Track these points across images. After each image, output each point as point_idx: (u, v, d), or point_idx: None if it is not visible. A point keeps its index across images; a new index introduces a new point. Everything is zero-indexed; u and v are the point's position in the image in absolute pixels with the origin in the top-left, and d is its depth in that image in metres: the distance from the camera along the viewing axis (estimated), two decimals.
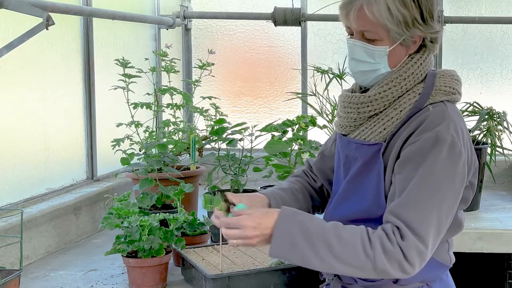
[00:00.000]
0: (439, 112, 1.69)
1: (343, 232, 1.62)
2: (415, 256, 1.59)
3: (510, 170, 3.79)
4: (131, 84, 2.68)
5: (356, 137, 1.79)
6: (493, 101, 3.58)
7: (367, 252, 1.59)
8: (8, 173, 2.55)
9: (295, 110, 4.03)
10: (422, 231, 1.60)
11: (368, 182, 1.74)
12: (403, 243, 1.58)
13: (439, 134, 1.64)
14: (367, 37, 1.71)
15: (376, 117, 1.76)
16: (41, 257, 2.51)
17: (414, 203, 1.62)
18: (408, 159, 1.66)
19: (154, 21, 3.80)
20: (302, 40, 4.02)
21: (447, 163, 1.63)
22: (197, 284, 2.08)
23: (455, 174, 1.65)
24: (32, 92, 2.72)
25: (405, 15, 1.66)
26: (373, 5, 1.66)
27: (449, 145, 1.64)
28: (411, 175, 1.64)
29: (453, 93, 1.75)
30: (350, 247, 1.59)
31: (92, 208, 2.89)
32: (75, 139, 3.05)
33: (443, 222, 1.64)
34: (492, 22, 3.91)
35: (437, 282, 1.81)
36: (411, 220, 1.60)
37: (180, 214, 2.19)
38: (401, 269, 1.59)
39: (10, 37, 2.33)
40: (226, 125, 2.77)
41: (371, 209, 1.73)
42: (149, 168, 2.53)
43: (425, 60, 1.76)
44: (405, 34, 1.69)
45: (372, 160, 1.74)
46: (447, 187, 1.64)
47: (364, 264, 1.59)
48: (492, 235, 2.93)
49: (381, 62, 1.73)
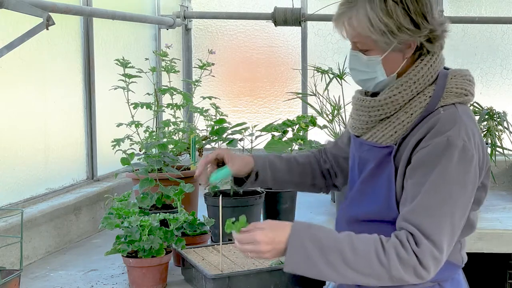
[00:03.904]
0: (450, 116, 1.67)
1: (357, 242, 1.61)
2: (430, 262, 1.59)
3: (510, 170, 3.79)
4: (131, 84, 2.68)
5: (368, 139, 1.79)
6: (493, 101, 3.58)
7: (381, 260, 1.59)
8: (8, 173, 2.54)
9: (295, 110, 4.04)
10: (436, 236, 1.60)
11: (379, 184, 1.75)
12: (418, 250, 1.59)
13: (450, 139, 1.63)
14: (359, 47, 1.73)
15: (387, 120, 1.76)
16: (41, 257, 2.51)
17: (427, 209, 1.61)
18: (420, 164, 1.66)
19: (154, 21, 3.80)
20: (302, 40, 4.03)
21: (459, 168, 1.63)
22: (197, 284, 2.08)
23: (467, 179, 1.64)
24: (32, 92, 2.72)
25: (387, 24, 1.66)
26: (353, 19, 1.68)
27: (460, 150, 1.63)
28: (423, 180, 1.63)
29: (465, 95, 1.74)
30: (364, 256, 1.59)
31: (92, 208, 2.89)
32: (75, 139, 3.05)
33: (456, 226, 1.64)
34: (492, 22, 3.91)
35: (449, 282, 1.81)
36: (425, 226, 1.60)
37: (180, 214, 2.19)
38: (416, 275, 1.60)
39: (10, 37, 2.33)
40: (226, 125, 2.77)
41: (382, 211, 1.74)
42: (149, 168, 2.53)
43: (435, 61, 1.74)
44: (393, 42, 1.68)
45: (383, 163, 1.74)
46: (459, 192, 1.63)
47: (379, 273, 1.59)
48: (492, 235, 2.93)
49: (376, 70, 1.73)
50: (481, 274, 3.74)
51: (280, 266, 2.06)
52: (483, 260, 3.50)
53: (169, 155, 2.59)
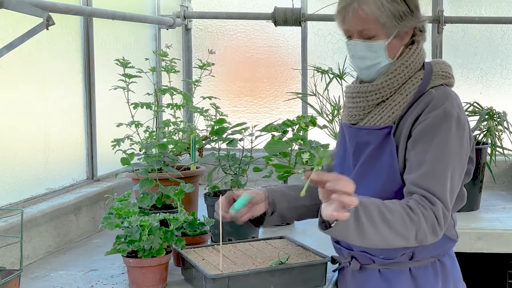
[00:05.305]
0: (442, 93, 1.90)
1: (388, 203, 1.75)
2: (442, 219, 1.78)
3: (510, 170, 3.79)
4: (131, 84, 2.68)
5: (366, 124, 1.96)
6: (493, 101, 3.58)
7: (412, 218, 1.74)
8: (8, 173, 2.54)
9: (295, 110, 4.03)
10: (444, 196, 1.79)
11: (382, 161, 1.91)
12: (434, 208, 1.77)
13: (446, 110, 1.84)
14: (366, 35, 1.91)
15: (383, 103, 1.95)
16: (41, 257, 2.51)
17: (433, 173, 1.80)
18: (421, 135, 1.85)
19: (154, 21, 3.80)
20: (302, 40, 4.02)
21: (456, 135, 1.84)
22: (197, 284, 2.08)
23: (462, 145, 1.86)
24: (32, 92, 2.72)
25: (395, 9, 1.88)
26: (365, 6, 1.87)
27: (456, 120, 1.85)
28: (426, 148, 1.82)
29: (449, 77, 1.97)
30: (399, 215, 1.73)
31: (92, 208, 2.90)
32: (75, 139, 3.05)
33: (455, 187, 1.85)
34: (492, 22, 3.91)
35: (447, 257, 2.02)
36: (434, 188, 1.79)
37: (180, 214, 2.19)
38: (434, 231, 1.77)
39: (10, 37, 2.33)
40: (226, 125, 2.77)
41: (386, 185, 1.89)
42: (149, 168, 2.53)
43: (421, 50, 1.98)
44: (398, 26, 1.89)
45: (384, 142, 1.91)
46: (457, 157, 1.85)
47: (410, 230, 1.74)
48: (492, 235, 2.93)
49: (381, 55, 1.92)
50: (481, 274, 3.74)
51: (280, 266, 2.06)
52: (483, 260, 3.51)
53: (169, 155, 2.59)
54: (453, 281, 2.03)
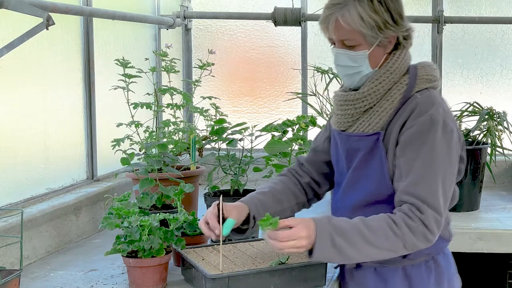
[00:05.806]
0: (427, 98, 1.91)
1: (370, 222, 1.81)
2: (434, 226, 1.82)
3: (510, 170, 3.79)
4: (131, 84, 2.68)
5: (355, 130, 1.99)
6: (493, 101, 3.58)
7: (396, 232, 1.79)
8: (8, 173, 2.54)
9: (295, 110, 4.04)
10: (435, 202, 1.82)
11: (372, 168, 1.94)
12: (423, 216, 1.80)
13: (432, 117, 1.86)
14: (347, 44, 1.93)
15: (370, 110, 1.97)
16: (41, 257, 2.51)
17: (423, 180, 1.83)
18: (409, 142, 1.87)
19: (154, 21, 3.80)
20: (302, 40, 4.03)
21: (443, 140, 1.86)
22: (197, 284, 2.08)
23: (451, 149, 1.88)
24: (32, 92, 2.71)
25: (376, 20, 1.88)
26: (346, 16, 1.88)
27: (442, 125, 1.87)
28: (414, 156, 1.85)
29: (434, 80, 1.98)
30: (381, 232, 1.79)
31: (92, 208, 2.89)
32: (75, 139, 3.05)
33: (447, 192, 1.87)
34: (492, 22, 3.91)
35: (441, 255, 2.06)
36: (424, 195, 1.81)
37: (180, 214, 2.19)
38: (426, 239, 1.82)
39: (10, 37, 2.33)
40: (226, 125, 2.77)
41: (378, 190, 1.94)
42: (149, 168, 2.53)
43: (405, 55, 1.98)
44: (379, 36, 1.91)
45: (374, 148, 1.94)
46: (446, 162, 1.87)
47: (396, 244, 1.80)
48: (492, 235, 2.93)
49: (363, 64, 1.94)
50: (481, 274, 3.75)
51: (280, 266, 2.06)
52: (483, 260, 3.51)
53: (169, 155, 2.59)
54: (447, 278, 2.07)
